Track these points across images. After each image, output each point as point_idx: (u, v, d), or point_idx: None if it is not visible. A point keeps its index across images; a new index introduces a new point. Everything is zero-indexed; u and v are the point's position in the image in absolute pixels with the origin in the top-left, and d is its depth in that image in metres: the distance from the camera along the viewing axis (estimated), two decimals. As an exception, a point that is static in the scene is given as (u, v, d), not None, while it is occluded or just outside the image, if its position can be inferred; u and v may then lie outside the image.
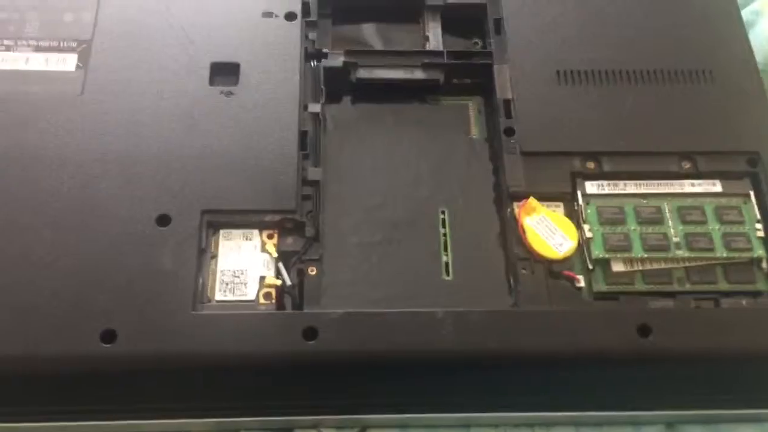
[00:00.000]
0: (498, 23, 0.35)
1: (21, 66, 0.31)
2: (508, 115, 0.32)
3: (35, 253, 0.27)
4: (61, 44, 0.32)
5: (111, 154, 0.29)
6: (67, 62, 0.31)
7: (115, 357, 0.25)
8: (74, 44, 0.32)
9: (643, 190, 0.31)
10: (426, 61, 0.34)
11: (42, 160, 0.29)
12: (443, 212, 0.31)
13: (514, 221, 0.30)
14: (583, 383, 0.28)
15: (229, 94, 0.31)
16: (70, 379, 0.26)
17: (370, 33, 0.36)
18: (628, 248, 0.29)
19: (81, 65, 0.31)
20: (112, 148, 0.30)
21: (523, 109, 0.32)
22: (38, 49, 0.32)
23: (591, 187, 0.31)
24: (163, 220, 0.28)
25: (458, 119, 0.34)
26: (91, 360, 0.25)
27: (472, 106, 0.34)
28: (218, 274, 0.28)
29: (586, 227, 0.30)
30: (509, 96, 0.33)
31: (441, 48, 0.35)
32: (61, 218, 0.28)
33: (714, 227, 0.30)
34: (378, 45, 0.36)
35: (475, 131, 0.34)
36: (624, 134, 0.32)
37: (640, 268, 0.29)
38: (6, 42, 0.32)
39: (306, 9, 0.34)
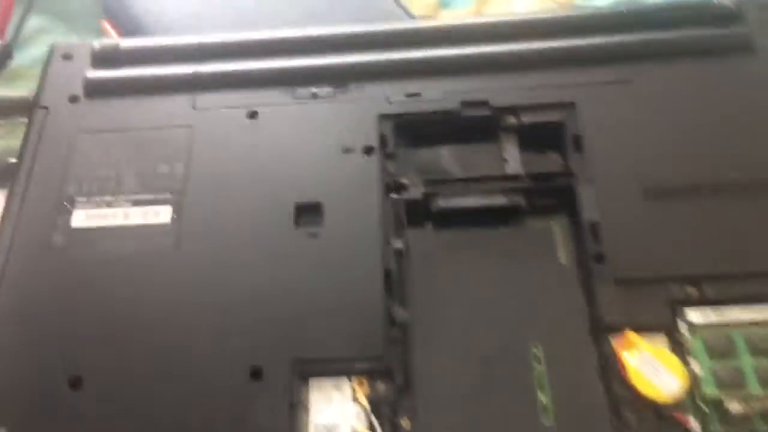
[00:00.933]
0: (577, 140, 0.35)
1: (120, 221, 0.33)
2: (597, 240, 0.31)
3: (135, 407, 0.28)
4: (157, 197, 0.34)
5: (204, 305, 0.31)
6: (162, 215, 0.33)
7: None
8: (169, 196, 0.34)
9: (753, 315, 0.29)
10: (506, 186, 0.34)
11: (139, 315, 0.31)
12: (537, 347, 0.30)
13: (614, 357, 0.29)
14: None
15: (314, 235, 0.32)
16: None
17: (447, 157, 0.37)
18: (742, 385, 0.27)
19: (175, 217, 0.33)
20: (205, 299, 0.31)
21: (612, 232, 0.31)
22: (136, 203, 0.34)
23: (694, 315, 0.29)
24: (256, 374, 0.29)
25: (544, 243, 0.33)
26: None
27: (558, 228, 0.34)
28: (312, 428, 0.28)
29: (692, 362, 0.28)
30: (596, 218, 0.32)
31: (520, 170, 0.35)
32: (159, 373, 0.29)
33: (840, 355, 0.28)
34: (456, 169, 0.36)
35: (563, 255, 0.33)
36: (725, 253, 0.30)
37: (759, 407, 0.27)
38: (107, 198, 0.34)
39: (383, 141, 0.35)
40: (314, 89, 0.37)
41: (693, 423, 0.27)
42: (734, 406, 0.27)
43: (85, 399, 0.29)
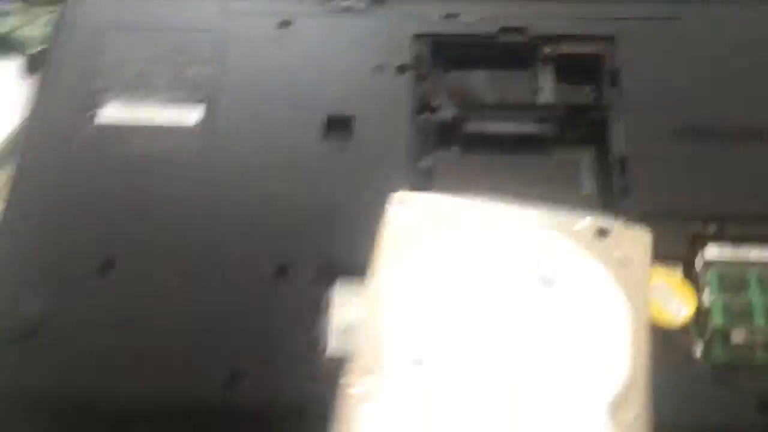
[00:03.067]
0: (614, 74, 0.38)
1: (148, 121, 0.37)
2: (624, 174, 0.36)
3: (162, 296, 0.33)
4: (186, 99, 0.38)
5: (232, 205, 0.35)
6: (192, 117, 0.38)
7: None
8: (198, 99, 0.38)
9: (769, 256, 0.33)
10: (538, 115, 0.38)
11: (169, 210, 0.35)
12: (554, 272, 0.35)
13: (629, 285, 0.33)
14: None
15: (342, 148, 0.37)
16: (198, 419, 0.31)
17: (480, 82, 0.41)
18: (749, 317, 0.32)
19: (204, 119, 0.37)
20: (233, 199, 0.35)
21: (640, 167, 0.36)
22: (166, 103, 0.38)
23: (712, 251, 0.34)
24: (282, 272, 0.33)
25: (570, 173, 0.38)
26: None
27: (585, 160, 0.38)
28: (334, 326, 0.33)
29: (705, 294, 0.33)
30: (624, 153, 0.36)
31: (553, 100, 0.39)
32: (186, 268, 0.34)
33: None
34: (489, 94, 0.40)
35: (589, 187, 0.37)
36: (748, 194, 0.34)
37: (762, 339, 0.32)
38: (137, 96, 0.38)
39: (417, 61, 0.39)
40: (348, 2, 0.41)
41: (697, 349, 0.32)
42: (738, 337, 0.32)
43: (115, 284, 0.33)
